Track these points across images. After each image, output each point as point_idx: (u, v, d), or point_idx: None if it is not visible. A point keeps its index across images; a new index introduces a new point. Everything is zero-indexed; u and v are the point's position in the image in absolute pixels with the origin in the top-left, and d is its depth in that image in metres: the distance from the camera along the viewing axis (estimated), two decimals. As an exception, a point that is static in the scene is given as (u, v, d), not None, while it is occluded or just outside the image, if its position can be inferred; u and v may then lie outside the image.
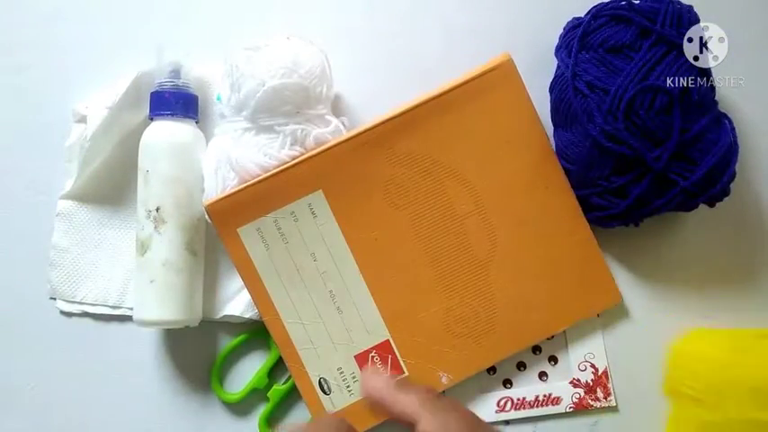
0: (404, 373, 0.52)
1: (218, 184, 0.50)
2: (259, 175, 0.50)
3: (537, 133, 0.52)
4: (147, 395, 0.55)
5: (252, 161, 0.49)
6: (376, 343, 0.52)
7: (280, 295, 0.51)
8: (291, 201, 0.51)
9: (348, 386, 0.52)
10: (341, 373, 0.52)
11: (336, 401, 0.52)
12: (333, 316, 0.52)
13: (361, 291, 0.52)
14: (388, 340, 0.52)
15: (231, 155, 0.49)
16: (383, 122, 0.51)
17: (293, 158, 0.50)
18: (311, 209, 0.51)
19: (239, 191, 0.50)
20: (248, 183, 0.50)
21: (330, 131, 0.51)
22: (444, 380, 0.52)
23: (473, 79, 0.51)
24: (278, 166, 0.50)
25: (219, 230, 0.51)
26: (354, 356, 0.52)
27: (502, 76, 0.51)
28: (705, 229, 0.55)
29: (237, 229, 0.50)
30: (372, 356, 0.52)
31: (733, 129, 0.49)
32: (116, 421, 0.55)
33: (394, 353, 0.52)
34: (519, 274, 0.52)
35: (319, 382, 0.52)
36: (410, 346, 0.52)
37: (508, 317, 0.52)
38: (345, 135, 0.51)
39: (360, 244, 0.51)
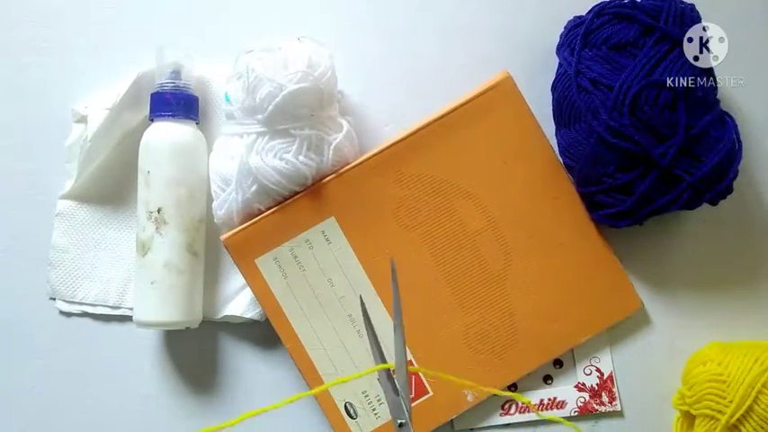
0: (428, 393, 0.52)
1: (237, 193, 0.50)
2: (279, 182, 0.49)
3: (542, 146, 0.52)
4: (147, 395, 0.55)
5: (270, 166, 0.49)
6: None
7: (301, 322, 0.51)
8: (305, 229, 0.51)
9: (374, 409, 0.51)
10: (366, 396, 0.51)
11: (363, 425, 0.51)
12: (354, 340, 0.51)
13: (379, 313, 0.51)
14: (410, 361, 0.51)
15: (249, 162, 0.49)
16: (389, 147, 0.51)
17: (307, 165, 0.49)
18: (325, 235, 0.51)
19: (254, 223, 0.50)
20: (262, 215, 0.50)
21: (344, 136, 0.50)
22: (470, 398, 0.52)
23: (473, 99, 0.51)
24: (290, 197, 0.50)
25: (238, 262, 0.51)
26: (378, 379, 0.51)
27: (502, 93, 0.52)
28: (707, 228, 0.55)
29: (255, 260, 0.51)
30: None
31: (735, 127, 0.50)
32: (116, 421, 0.55)
33: (417, 373, 0.51)
34: (535, 286, 0.52)
35: (345, 408, 0.51)
36: (433, 366, 0.51)
37: (529, 330, 0.52)
38: (354, 162, 0.51)
39: (375, 267, 0.51)
